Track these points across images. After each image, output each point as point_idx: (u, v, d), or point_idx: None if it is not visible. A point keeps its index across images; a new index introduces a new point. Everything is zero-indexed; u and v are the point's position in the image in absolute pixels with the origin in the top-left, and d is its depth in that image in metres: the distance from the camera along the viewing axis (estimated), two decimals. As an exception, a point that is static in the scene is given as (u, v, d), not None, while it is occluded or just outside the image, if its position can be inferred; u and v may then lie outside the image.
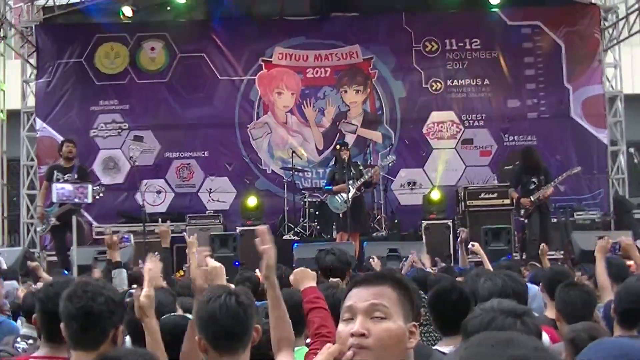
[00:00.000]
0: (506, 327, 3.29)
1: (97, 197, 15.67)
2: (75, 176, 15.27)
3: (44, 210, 15.31)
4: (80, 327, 4.03)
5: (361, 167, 16.63)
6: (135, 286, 5.42)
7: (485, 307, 3.46)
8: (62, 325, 4.13)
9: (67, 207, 14.91)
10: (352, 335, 2.92)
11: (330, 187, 16.37)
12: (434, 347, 5.36)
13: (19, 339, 6.21)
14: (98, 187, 15.95)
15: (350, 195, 15.76)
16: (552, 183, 15.71)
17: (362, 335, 2.91)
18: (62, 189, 14.82)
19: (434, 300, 5.48)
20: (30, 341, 6.10)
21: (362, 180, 16.04)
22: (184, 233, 13.96)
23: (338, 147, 16.58)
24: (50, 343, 4.43)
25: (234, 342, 3.89)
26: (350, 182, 15.83)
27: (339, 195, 16.02)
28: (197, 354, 4.23)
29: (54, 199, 15.06)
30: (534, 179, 15.67)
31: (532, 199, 15.47)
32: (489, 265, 9.86)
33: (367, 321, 2.92)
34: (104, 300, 4.08)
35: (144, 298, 4.48)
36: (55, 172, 15.42)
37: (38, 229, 15.82)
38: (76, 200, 14.54)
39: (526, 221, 15.88)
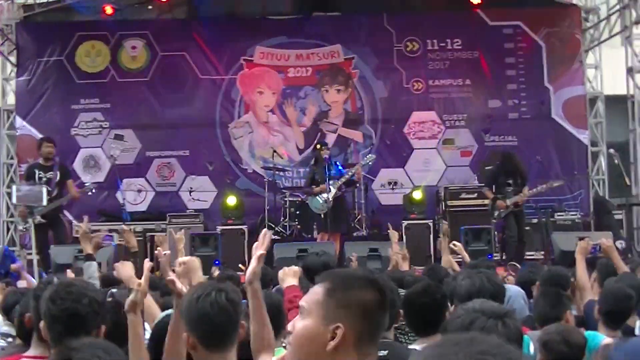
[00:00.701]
0: (487, 329, 3.29)
1: (90, 193, 15.88)
2: (58, 174, 15.22)
3: (26, 209, 15.20)
4: (65, 328, 4.02)
5: (340, 168, 16.60)
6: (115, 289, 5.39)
7: (467, 308, 3.46)
8: (41, 325, 4.11)
9: (54, 205, 14.90)
10: None
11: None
12: (411, 347, 5.39)
13: None
14: (90, 184, 16.01)
15: (331, 195, 15.74)
16: (530, 191, 15.68)
17: (290, 332, 2.94)
18: (22, 190, 14.87)
19: (407, 301, 5.52)
20: (9, 339, 6.08)
21: (344, 179, 16.02)
22: (170, 230, 13.97)
23: (319, 146, 16.55)
24: (43, 342, 4.40)
25: (224, 340, 3.88)
26: (331, 182, 15.82)
27: (319, 195, 16.00)
28: (179, 352, 4.22)
29: (14, 200, 15.07)
30: (510, 181, 15.65)
31: (508, 204, 15.46)
32: None
33: (298, 319, 2.93)
34: (89, 302, 4.08)
35: (140, 294, 4.46)
36: (36, 170, 15.32)
37: (19, 227, 15.74)
38: (35, 203, 14.58)
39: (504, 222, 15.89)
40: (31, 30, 20.00)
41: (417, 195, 18.11)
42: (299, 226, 17.51)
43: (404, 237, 16.81)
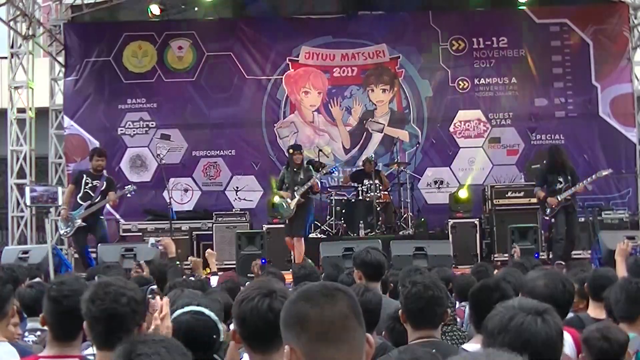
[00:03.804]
0: (526, 325, 3.28)
1: (129, 195, 16.00)
2: (104, 184, 15.37)
3: (68, 213, 15.36)
4: (105, 328, 4.08)
5: (312, 172, 16.41)
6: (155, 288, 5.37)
7: (506, 305, 3.44)
8: (85, 325, 4.16)
9: (92, 210, 15.05)
10: None
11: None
12: (464, 346, 5.37)
13: (26, 333, 6.26)
14: (130, 185, 16.16)
15: (294, 202, 15.69)
16: (580, 184, 15.52)
17: None
18: (33, 191, 15.10)
19: (475, 297, 5.44)
20: (38, 333, 6.14)
21: (304, 188, 15.89)
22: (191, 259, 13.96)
23: (291, 150, 16.34)
24: (59, 341, 4.46)
25: (263, 343, 3.85)
26: (296, 188, 15.77)
27: (284, 200, 15.91)
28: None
29: (28, 202, 15.27)
30: (560, 178, 15.51)
31: (559, 199, 15.33)
32: None
33: None
34: (127, 301, 4.13)
35: (165, 330, 4.45)
36: (84, 176, 15.48)
37: (61, 231, 15.83)
38: (48, 203, 14.76)
39: (553, 220, 15.76)
40: (79, 31, 20.18)
41: (463, 194, 18.09)
42: (344, 225, 17.52)
43: (450, 235, 16.82)
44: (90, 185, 15.27)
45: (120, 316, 4.08)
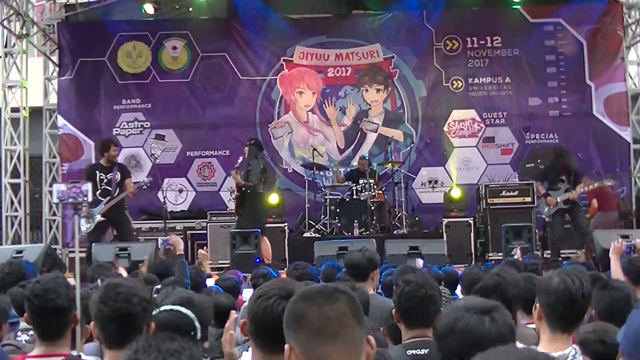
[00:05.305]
0: (472, 325, 3.22)
1: (145, 187, 16.22)
2: (117, 174, 15.30)
3: (88, 210, 15.24)
4: (118, 328, 4.15)
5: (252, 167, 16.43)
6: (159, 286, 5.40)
7: (454, 305, 3.38)
8: (92, 325, 4.22)
9: (111, 204, 14.99)
10: None
11: None
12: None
13: (19, 333, 6.26)
14: (145, 179, 16.17)
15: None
16: (581, 190, 15.44)
17: None
18: (62, 188, 15.02)
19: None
20: (31, 332, 6.15)
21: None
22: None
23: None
24: (45, 341, 4.49)
25: (269, 343, 3.84)
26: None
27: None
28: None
29: (54, 200, 15.18)
30: (562, 177, 15.45)
31: (558, 200, 15.30)
32: None
33: None
34: (138, 301, 4.20)
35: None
36: (97, 172, 15.32)
37: (82, 228, 15.74)
38: (70, 200, 14.66)
39: (547, 219, 15.76)
40: (73, 30, 20.18)
41: (456, 193, 18.07)
42: (339, 224, 17.52)
43: (445, 235, 16.84)
44: (105, 180, 15.21)
45: (132, 316, 4.15)
